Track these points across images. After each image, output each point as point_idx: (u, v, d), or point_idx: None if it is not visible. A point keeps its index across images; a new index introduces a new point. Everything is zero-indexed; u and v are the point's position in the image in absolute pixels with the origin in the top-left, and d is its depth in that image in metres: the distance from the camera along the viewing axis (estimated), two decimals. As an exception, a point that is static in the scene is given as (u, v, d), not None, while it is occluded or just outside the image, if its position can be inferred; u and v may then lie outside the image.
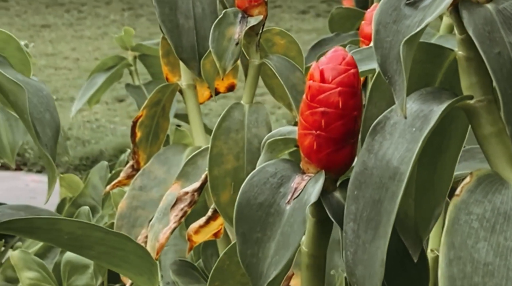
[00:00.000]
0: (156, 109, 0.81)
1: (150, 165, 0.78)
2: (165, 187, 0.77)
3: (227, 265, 0.50)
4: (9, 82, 0.48)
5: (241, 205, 0.44)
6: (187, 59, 0.76)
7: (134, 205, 0.76)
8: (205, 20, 0.77)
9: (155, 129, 0.81)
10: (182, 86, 0.81)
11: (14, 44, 0.52)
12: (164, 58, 0.86)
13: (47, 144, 0.49)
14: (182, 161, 0.78)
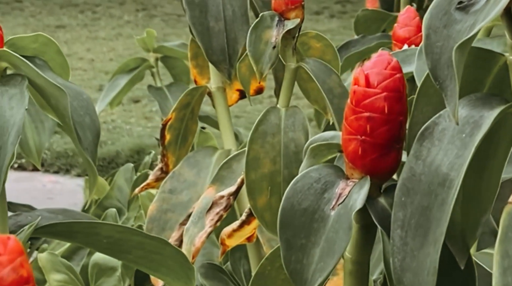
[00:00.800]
0: (185, 112, 0.81)
1: (180, 168, 0.78)
2: (194, 190, 0.77)
3: (268, 270, 0.49)
4: (51, 86, 0.48)
5: (285, 210, 0.43)
6: (217, 61, 0.75)
7: (164, 208, 0.76)
8: (235, 22, 0.77)
9: (184, 132, 0.81)
10: (211, 89, 0.80)
11: (54, 48, 0.52)
12: (192, 60, 0.86)
13: (88, 148, 0.49)
14: (211, 164, 0.78)
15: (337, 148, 0.45)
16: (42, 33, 0.51)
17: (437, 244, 0.38)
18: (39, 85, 0.49)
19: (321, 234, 0.43)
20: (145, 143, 2.98)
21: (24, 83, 0.48)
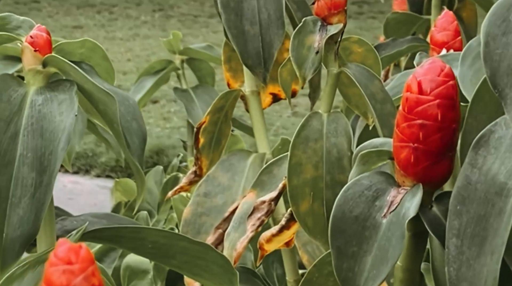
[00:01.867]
0: (219, 115, 0.81)
1: (214, 171, 0.78)
2: (229, 193, 0.77)
3: (316, 277, 0.49)
4: (99, 91, 0.48)
5: (336, 218, 0.43)
6: (252, 65, 0.75)
7: (198, 211, 0.76)
8: (270, 26, 0.76)
9: (218, 135, 0.81)
10: (245, 92, 0.80)
11: (100, 53, 0.52)
12: (226, 64, 0.86)
13: (135, 153, 0.49)
14: (246, 168, 0.78)
15: (388, 155, 0.45)
16: (88, 39, 0.52)
17: (495, 254, 0.38)
18: (87, 90, 0.49)
19: (373, 242, 0.43)
20: (164, 144, 2.98)
21: (73, 89, 0.48)
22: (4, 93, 0.47)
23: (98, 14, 7.33)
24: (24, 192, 0.45)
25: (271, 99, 0.86)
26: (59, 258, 0.28)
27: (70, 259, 0.28)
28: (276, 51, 0.76)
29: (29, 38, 0.49)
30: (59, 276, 0.28)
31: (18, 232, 0.45)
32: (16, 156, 0.46)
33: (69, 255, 0.28)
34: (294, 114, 3.64)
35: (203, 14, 6.50)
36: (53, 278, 0.28)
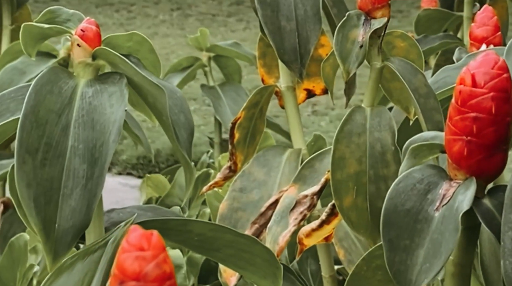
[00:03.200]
0: (254, 111, 0.81)
1: (250, 166, 0.78)
2: (265, 189, 0.77)
3: (364, 271, 0.49)
4: (149, 84, 0.48)
5: (388, 211, 0.43)
6: (289, 61, 0.75)
7: (234, 206, 0.76)
8: (307, 22, 0.76)
9: (253, 130, 0.81)
10: (281, 88, 0.80)
11: (147, 46, 0.52)
12: (260, 59, 0.86)
13: (183, 145, 0.49)
14: (282, 163, 0.78)
15: (439, 149, 0.45)
16: (136, 32, 0.52)
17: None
18: (136, 83, 0.49)
19: (425, 235, 0.42)
20: (185, 142, 2.98)
21: (123, 81, 0.48)
22: (55, 86, 0.48)
23: (117, 12, 7.36)
24: (75, 183, 0.45)
25: (305, 95, 0.86)
26: (132, 244, 0.28)
27: (142, 245, 0.28)
28: (313, 47, 0.76)
29: (79, 31, 0.49)
30: (131, 262, 0.28)
31: (70, 222, 0.45)
32: (67, 147, 0.46)
33: (141, 242, 0.28)
34: (314, 113, 3.63)
35: (221, 13, 6.50)
36: (126, 265, 0.28)
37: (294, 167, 0.76)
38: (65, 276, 0.47)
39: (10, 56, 1.09)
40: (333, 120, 3.77)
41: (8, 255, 0.88)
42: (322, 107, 3.74)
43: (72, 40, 0.50)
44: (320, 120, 3.56)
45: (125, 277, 0.28)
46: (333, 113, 3.75)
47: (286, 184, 0.76)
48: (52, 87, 0.48)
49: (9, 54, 1.09)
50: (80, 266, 0.47)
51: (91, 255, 0.48)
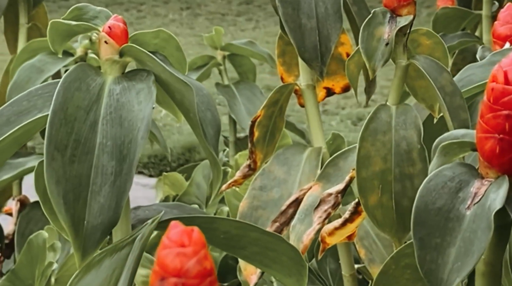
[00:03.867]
0: (273, 109, 0.80)
1: (270, 165, 0.78)
2: (285, 187, 0.77)
3: (393, 269, 0.49)
4: (176, 81, 0.48)
5: (419, 209, 0.43)
6: (309, 59, 0.75)
7: (255, 205, 0.76)
8: (328, 20, 0.76)
9: (272, 129, 0.81)
10: (301, 86, 0.80)
11: (174, 43, 0.52)
12: (279, 58, 0.86)
13: (210, 142, 0.49)
14: (302, 162, 0.78)
15: (470, 147, 0.45)
16: (163, 29, 0.52)
17: None
18: (164, 80, 0.49)
19: (456, 234, 0.42)
20: (196, 141, 2.99)
21: (150, 78, 0.48)
22: (83, 82, 0.48)
23: (126, 12, 7.36)
24: (104, 180, 0.45)
25: (325, 93, 0.86)
26: (172, 240, 0.28)
27: (183, 241, 0.28)
28: (334, 45, 0.75)
29: (107, 28, 0.49)
30: (172, 258, 0.28)
31: (99, 219, 0.45)
32: (95, 144, 0.46)
33: (182, 238, 0.28)
34: (324, 112, 3.62)
35: (231, 13, 6.50)
36: (167, 261, 0.28)
37: (314, 166, 0.76)
38: (93, 272, 0.47)
39: (27, 54, 1.09)
40: (344, 120, 3.76)
41: (27, 253, 0.88)
42: (332, 106, 3.74)
43: (100, 37, 0.50)
44: (330, 120, 3.55)
45: (166, 273, 0.28)
46: (343, 112, 3.75)
47: (306, 183, 0.76)
48: (80, 84, 0.48)
49: (27, 52, 1.10)
50: (108, 263, 0.47)
51: (118, 252, 0.48)
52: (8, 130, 0.49)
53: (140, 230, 0.48)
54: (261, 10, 7.47)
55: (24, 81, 1.04)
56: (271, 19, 6.74)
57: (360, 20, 0.80)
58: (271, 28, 6.09)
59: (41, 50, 1.09)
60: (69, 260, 0.92)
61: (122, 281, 0.46)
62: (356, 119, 3.73)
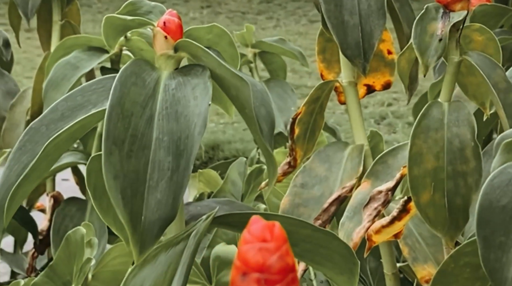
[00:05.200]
0: (314, 106, 0.80)
1: (311, 162, 0.77)
2: (326, 185, 0.76)
3: (452, 268, 0.48)
4: (232, 76, 0.47)
5: (482, 207, 0.42)
6: (352, 56, 0.74)
7: (296, 202, 0.75)
8: (371, 17, 0.76)
9: (312, 126, 0.81)
10: (342, 83, 0.79)
11: (227, 39, 0.52)
12: (319, 55, 0.85)
13: (266, 138, 0.49)
14: (343, 159, 0.77)
15: (534, 144, 0.44)
16: (216, 24, 0.51)
17: None
18: (219, 75, 0.49)
19: (521, 232, 0.41)
20: (219, 139, 2.99)
21: (206, 73, 0.48)
22: (139, 77, 0.48)
23: (147, 10, 7.34)
24: (161, 175, 0.45)
25: (365, 91, 0.85)
26: (254, 235, 0.28)
27: (265, 236, 0.28)
28: (377, 42, 0.75)
29: (162, 23, 0.49)
30: (255, 254, 0.27)
31: (156, 215, 0.45)
32: (152, 140, 0.46)
33: (264, 233, 0.28)
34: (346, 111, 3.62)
35: (251, 11, 6.50)
36: (249, 256, 0.27)
37: (356, 163, 0.76)
38: (148, 267, 0.47)
39: (62, 51, 1.09)
40: (367, 119, 3.74)
41: (65, 249, 0.88)
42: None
43: (155, 32, 0.49)
44: (353, 118, 3.54)
45: (248, 268, 0.27)
46: (366, 111, 3.73)
47: (348, 180, 0.75)
48: (136, 79, 0.47)
49: (62, 49, 1.10)
50: (163, 258, 0.47)
51: (173, 248, 0.48)
52: (63, 124, 0.49)
53: (195, 226, 0.48)
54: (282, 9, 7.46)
55: (59, 78, 1.05)
56: (292, 18, 6.73)
57: (402, 17, 0.80)
58: (292, 27, 6.09)
59: (76, 47, 1.09)
60: (106, 256, 0.92)
61: (177, 277, 0.46)
62: (379, 118, 3.71)
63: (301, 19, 6.81)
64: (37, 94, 1.19)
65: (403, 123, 3.60)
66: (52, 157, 0.48)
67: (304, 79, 4.12)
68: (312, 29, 6.49)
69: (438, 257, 0.71)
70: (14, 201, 0.47)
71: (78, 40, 1.10)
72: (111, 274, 0.92)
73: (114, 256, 0.92)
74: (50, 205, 1.15)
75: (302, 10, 7.34)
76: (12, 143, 1.24)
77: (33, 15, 1.23)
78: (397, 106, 3.86)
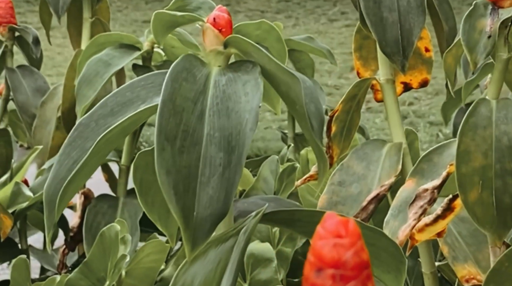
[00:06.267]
0: (351, 104, 0.80)
1: (348, 160, 0.77)
2: (364, 183, 0.76)
3: (506, 267, 0.48)
4: (283, 72, 0.47)
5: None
6: (391, 53, 0.74)
7: (334, 200, 0.75)
8: (410, 13, 0.75)
9: (349, 124, 0.80)
10: (380, 81, 0.79)
11: (275, 35, 0.51)
12: (356, 52, 0.85)
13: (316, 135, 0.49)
14: (381, 157, 0.77)
15: None
16: (265, 20, 0.51)
17: None
18: (268, 72, 0.49)
19: None
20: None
21: (256, 69, 0.48)
22: (189, 73, 0.47)
23: (166, 9, 7.36)
24: (212, 171, 0.45)
25: (402, 88, 0.85)
26: (328, 231, 0.28)
27: (340, 232, 0.28)
28: (416, 39, 0.74)
29: (212, 19, 0.49)
30: (330, 249, 0.27)
31: (208, 211, 0.45)
32: (203, 135, 0.46)
33: (338, 229, 0.28)
34: (368, 110, 3.60)
35: (270, 10, 6.50)
36: (324, 252, 0.27)
37: (395, 161, 0.75)
38: (198, 263, 0.47)
39: (94, 48, 1.10)
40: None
41: (99, 245, 0.88)
42: (376, 104, 3.70)
43: (204, 28, 0.49)
44: (374, 117, 3.52)
45: (323, 264, 0.27)
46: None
47: (386, 179, 0.75)
48: (187, 75, 0.47)
49: (93, 46, 1.10)
50: (213, 254, 0.47)
51: (223, 244, 0.47)
52: (112, 120, 0.49)
53: (244, 223, 0.48)
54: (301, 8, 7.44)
55: (92, 75, 1.05)
56: (311, 17, 6.71)
57: (441, 14, 0.79)
58: (311, 26, 6.07)
59: (108, 44, 1.10)
60: (140, 253, 0.92)
61: (227, 274, 0.46)
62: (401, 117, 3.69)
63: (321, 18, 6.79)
64: (68, 91, 1.20)
65: (425, 123, 3.58)
66: (102, 152, 0.48)
67: (324, 78, 4.11)
68: (332, 28, 6.47)
69: (477, 256, 0.71)
70: (66, 196, 0.47)
71: (110, 38, 1.10)
72: (144, 271, 0.92)
73: (148, 253, 0.92)
74: (81, 202, 1.15)
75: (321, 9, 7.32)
76: (43, 140, 1.24)
77: (64, 13, 1.24)
78: (418, 105, 3.84)
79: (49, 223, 0.49)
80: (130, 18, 6.69)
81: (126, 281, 0.91)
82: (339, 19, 6.84)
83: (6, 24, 1.33)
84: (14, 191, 1.07)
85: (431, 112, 3.84)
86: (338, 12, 7.16)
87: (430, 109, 3.88)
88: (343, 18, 6.85)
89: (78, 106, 1.04)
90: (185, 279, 0.47)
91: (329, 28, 6.43)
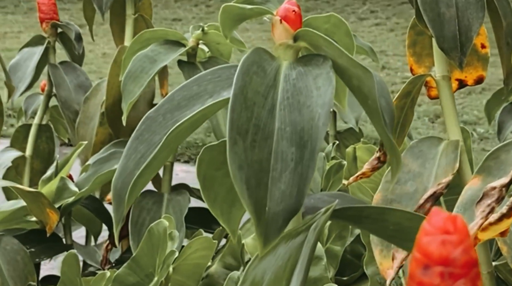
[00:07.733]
0: (405, 101, 0.78)
1: (403, 158, 0.76)
2: (420, 181, 0.75)
3: None
4: (355, 66, 0.46)
5: None
6: (449, 49, 0.73)
7: (389, 198, 0.74)
8: (468, 9, 0.74)
9: (403, 120, 0.79)
10: (435, 78, 0.78)
11: (344, 29, 0.51)
12: (409, 48, 0.84)
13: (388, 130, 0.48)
14: (437, 155, 0.76)
15: None
16: (334, 14, 0.50)
17: None
18: (340, 66, 0.48)
19: None
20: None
21: (327, 63, 0.47)
22: (259, 67, 0.47)
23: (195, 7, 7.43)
24: (284, 166, 0.44)
25: (457, 85, 0.83)
26: (435, 227, 0.27)
27: (448, 229, 0.27)
28: (475, 35, 0.73)
29: (281, 12, 0.48)
30: (437, 246, 0.26)
31: (280, 206, 0.44)
32: (274, 130, 0.45)
33: (446, 225, 0.27)
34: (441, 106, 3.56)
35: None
36: (431, 248, 0.26)
37: (452, 159, 0.74)
38: (268, 258, 0.46)
39: (139, 45, 1.10)
40: (421, 117, 3.69)
41: (148, 241, 0.88)
42: (409, 103, 3.68)
43: (274, 21, 0.49)
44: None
45: (431, 261, 0.26)
46: (420, 109, 3.68)
47: (443, 176, 0.73)
48: (257, 68, 0.47)
49: (138, 42, 1.10)
50: (283, 250, 0.46)
51: (293, 240, 0.47)
52: (179, 114, 0.49)
53: (314, 219, 0.47)
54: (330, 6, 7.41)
55: (138, 71, 1.05)
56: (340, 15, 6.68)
57: (501, 9, 0.78)
58: (341, 24, 6.04)
59: (153, 40, 1.10)
60: (187, 249, 0.92)
61: (298, 270, 0.45)
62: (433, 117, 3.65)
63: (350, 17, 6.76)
64: (111, 87, 1.20)
65: (458, 122, 3.53)
66: (172, 146, 0.48)
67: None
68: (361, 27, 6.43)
69: (537, 257, 0.69)
70: (135, 190, 0.47)
71: (155, 34, 1.10)
72: (191, 267, 0.92)
73: (195, 250, 0.92)
74: (124, 198, 1.15)
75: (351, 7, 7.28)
76: (87, 136, 1.25)
77: (107, 9, 1.24)
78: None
79: (117, 217, 0.49)
80: (159, 16, 6.72)
81: (174, 278, 0.91)
82: (368, 18, 6.79)
83: (49, 20, 1.34)
84: (59, 186, 1.08)
85: (464, 111, 3.79)
86: (368, 11, 7.11)
87: (463, 109, 3.84)
88: (373, 17, 6.81)
89: (124, 102, 1.04)
90: (255, 274, 0.46)
91: (359, 26, 6.39)
